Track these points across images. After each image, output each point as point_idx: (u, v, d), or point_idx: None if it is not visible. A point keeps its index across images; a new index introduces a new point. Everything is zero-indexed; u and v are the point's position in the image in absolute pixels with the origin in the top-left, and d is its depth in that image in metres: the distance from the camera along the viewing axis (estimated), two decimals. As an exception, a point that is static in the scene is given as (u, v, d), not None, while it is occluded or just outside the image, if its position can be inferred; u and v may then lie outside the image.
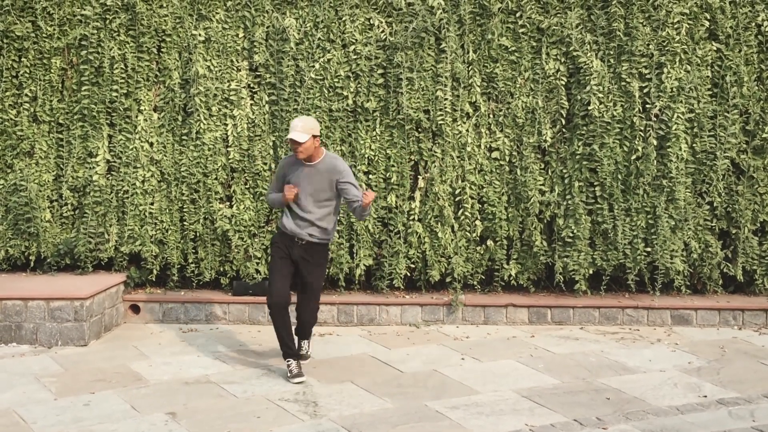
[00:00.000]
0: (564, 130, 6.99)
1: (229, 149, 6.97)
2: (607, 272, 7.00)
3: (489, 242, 7.03)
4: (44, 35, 6.96)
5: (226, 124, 6.97)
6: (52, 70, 6.98)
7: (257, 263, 6.98)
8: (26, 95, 7.00)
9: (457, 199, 7.00)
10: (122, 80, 6.88)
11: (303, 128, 5.37)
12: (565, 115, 6.95)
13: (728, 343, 6.45)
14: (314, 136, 5.41)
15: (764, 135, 6.90)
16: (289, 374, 5.48)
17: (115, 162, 6.99)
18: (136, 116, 6.94)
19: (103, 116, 6.93)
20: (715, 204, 6.98)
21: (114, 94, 6.87)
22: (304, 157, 5.44)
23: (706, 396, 5.23)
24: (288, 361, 5.53)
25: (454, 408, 4.97)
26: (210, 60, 6.93)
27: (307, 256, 5.55)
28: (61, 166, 7.04)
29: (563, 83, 6.92)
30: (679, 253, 6.92)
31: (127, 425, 4.65)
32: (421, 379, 5.48)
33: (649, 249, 6.92)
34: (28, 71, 6.98)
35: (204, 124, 6.91)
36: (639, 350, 6.21)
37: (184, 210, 6.99)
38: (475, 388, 5.32)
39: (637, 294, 7.13)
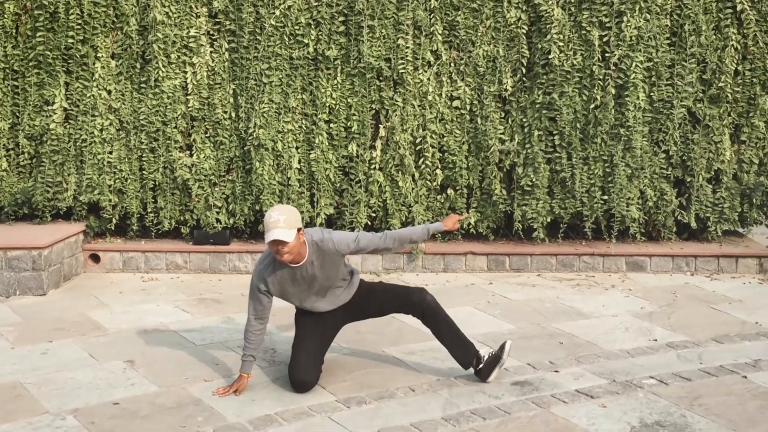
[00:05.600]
0: (524, 79, 7.01)
1: (188, 97, 6.90)
2: (564, 220, 7.09)
3: (449, 191, 7.08)
4: (-4, -21, 6.80)
5: (185, 72, 6.90)
6: (5, 15, 6.82)
7: (217, 212, 6.98)
8: (-21, 41, 6.86)
9: (417, 148, 7.02)
10: (78, 26, 6.75)
11: (287, 222, 4.14)
12: (525, 64, 6.96)
13: (680, 288, 6.61)
14: (299, 230, 4.21)
15: (720, 84, 6.97)
16: None
17: (72, 110, 6.90)
18: (93, 63, 6.84)
19: (59, 63, 6.82)
20: (671, 152, 7.07)
21: (70, 40, 6.75)
22: (290, 259, 4.26)
23: (656, 340, 5.37)
24: None
25: (410, 354, 5.06)
26: (168, 6, 6.81)
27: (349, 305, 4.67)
28: (18, 114, 6.94)
29: (524, 32, 6.91)
30: (635, 201, 7.03)
31: (85, 373, 4.69)
32: (380, 326, 5.55)
33: (605, 197, 7.02)
34: (-20, 17, 6.83)
35: (163, 71, 6.83)
36: (593, 296, 6.35)
37: (144, 159, 6.95)
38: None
39: (594, 241, 7.25)
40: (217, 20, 6.90)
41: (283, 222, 4.13)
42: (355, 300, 4.69)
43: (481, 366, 4.61)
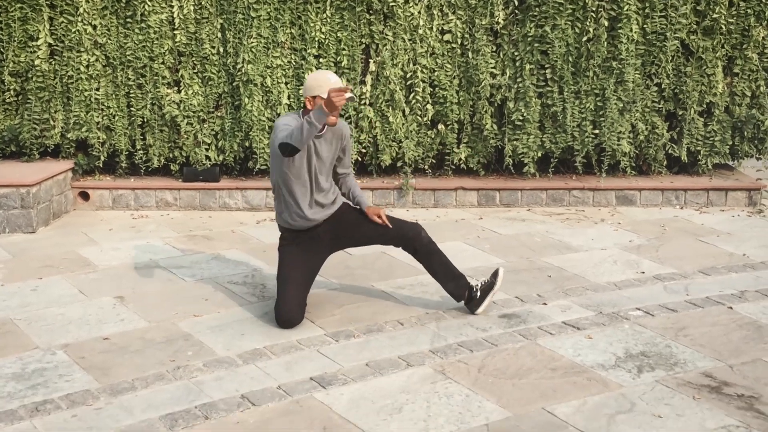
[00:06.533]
0: (516, 11, 6.90)
1: (175, 32, 6.80)
2: (555, 155, 7.07)
3: (440, 126, 7.04)
4: None
5: (172, 6, 6.77)
6: (-15, -51, 6.68)
7: (207, 149, 6.94)
8: (-41, -24, 6.71)
9: (408, 83, 6.95)
10: (60, -41, 6.61)
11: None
12: (517, -4, 6.86)
13: (669, 221, 6.63)
14: None
15: (714, 15, 6.88)
16: None
17: (57, 46, 6.79)
18: (77, -2, 6.72)
19: (42, -3, 6.70)
20: (663, 86, 7.01)
21: (52, -26, 6.62)
22: (334, 123, 4.50)
23: (644, 272, 5.40)
24: None
25: (400, 288, 5.09)
26: (152, -62, 6.66)
27: (338, 223, 4.65)
28: (2, 50, 6.83)
29: (516, -38, 6.79)
30: (626, 134, 7.00)
31: (75, 309, 4.71)
32: (370, 261, 5.58)
33: (597, 131, 6.98)
34: (-41, -50, 6.67)
35: (149, 5, 6.71)
36: (583, 230, 6.36)
37: (131, 95, 6.87)
38: (421, 269, 5.40)
39: (584, 176, 7.24)
40: (202, -48, 6.76)
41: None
42: (344, 222, 4.64)
43: (473, 295, 4.63)
